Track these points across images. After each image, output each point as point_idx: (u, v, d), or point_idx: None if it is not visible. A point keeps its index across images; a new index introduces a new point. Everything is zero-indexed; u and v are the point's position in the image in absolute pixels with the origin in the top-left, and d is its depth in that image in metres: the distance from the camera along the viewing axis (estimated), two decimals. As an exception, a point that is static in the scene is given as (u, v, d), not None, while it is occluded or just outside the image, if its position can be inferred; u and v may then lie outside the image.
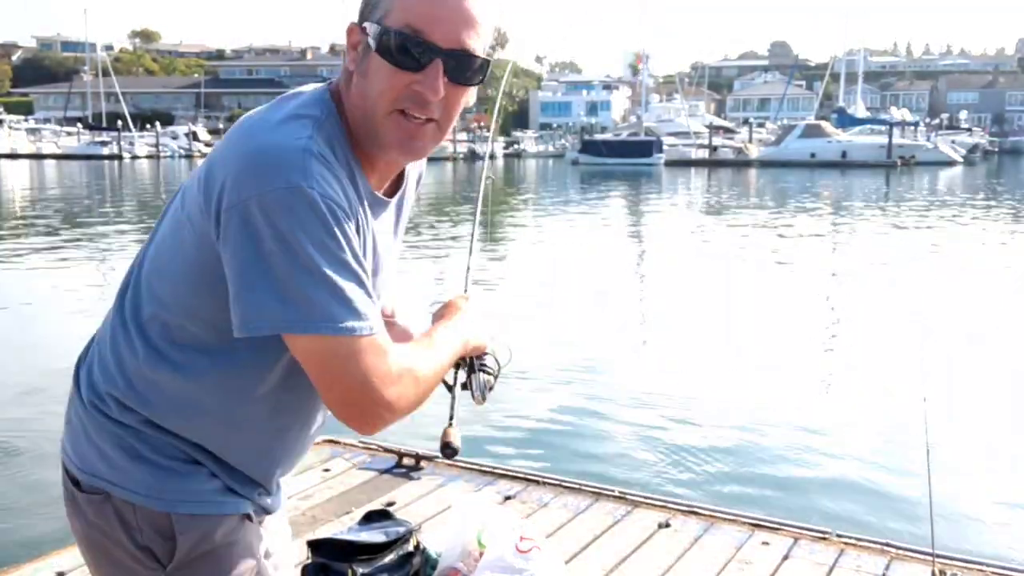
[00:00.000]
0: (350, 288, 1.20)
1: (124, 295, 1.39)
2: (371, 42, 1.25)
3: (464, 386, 1.63)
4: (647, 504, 3.44)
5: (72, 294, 11.18)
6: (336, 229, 1.19)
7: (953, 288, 11.39)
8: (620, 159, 52.87)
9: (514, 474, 3.78)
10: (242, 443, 1.38)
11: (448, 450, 1.54)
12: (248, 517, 1.40)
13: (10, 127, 66.52)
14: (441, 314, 1.47)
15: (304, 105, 1.29)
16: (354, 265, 1.21)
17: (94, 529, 1.36)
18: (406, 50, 1.24)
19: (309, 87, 1.37)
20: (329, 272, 1.18)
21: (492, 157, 2.11)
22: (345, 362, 1.21)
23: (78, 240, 17.14)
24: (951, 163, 53.74)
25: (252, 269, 1.18)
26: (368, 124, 1.29)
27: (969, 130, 70.79)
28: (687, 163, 54.56)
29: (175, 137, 69.62)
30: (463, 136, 75.78)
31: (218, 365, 1.31)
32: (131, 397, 1.34)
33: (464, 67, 1.28)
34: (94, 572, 1.43)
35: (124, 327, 1.37)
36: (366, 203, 1.31)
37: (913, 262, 13.88)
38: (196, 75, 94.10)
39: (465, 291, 1.55)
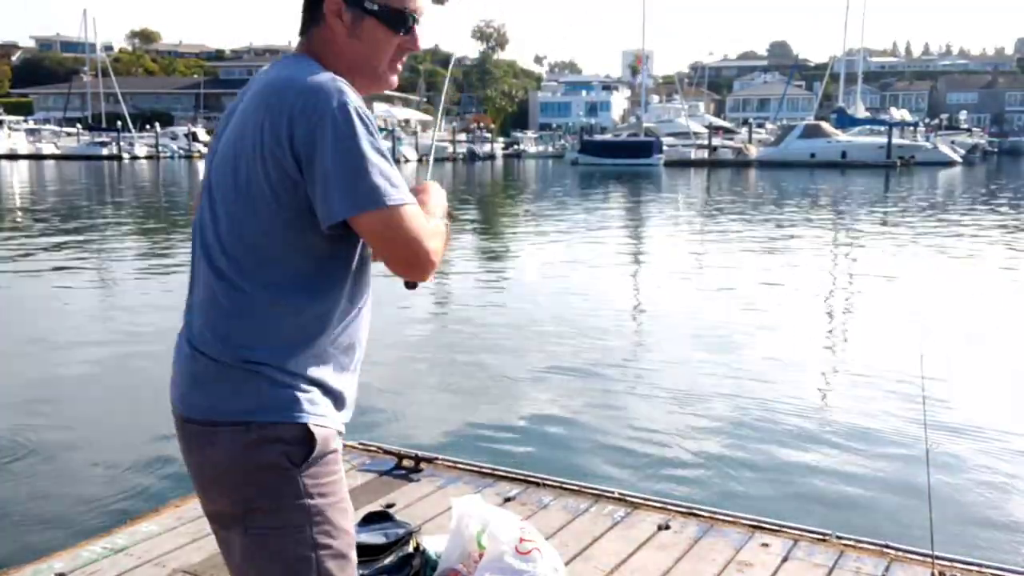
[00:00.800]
0: (392, 171, 1.58)
1: (212, 260, 1.65)
2: (371, 12, 1.68)
3: None
4: (647, 506, 3.45)
5: (72, 295, 11.18)
6: (374, 132, 1.58)
7: (952, 288, 11.39)
8: (620, 159, 52.90)
9: (514, 476, 3.78)
10: (338, 353, 1.73)
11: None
12: (340, 432, 1.73)
13: (10, 128, 66.51)
14: (422, 190, 1.81)
15: (302, 62, 1.65)
16: (388, 156, 1.59)
17: (239, 457, 1.62)
18: (402, 19, 1.71)
19: (278, 60, 1.73)
20: (379, 162, 1.56)
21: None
22: (401, 227, 1.58)
23: (79, 240, 17.14)
24: (950, 163, 53.77)
25: (331, 171, 1.54)
26: (366, 70, 1.72)
27: (969, 130, 70.82)
28: (687, 163, 54.60)
29: (175, 137, 69.62)
30: (463, 136, 75.76)
31: (316, 282, 1.64)
32: (255, 339, 1.62)
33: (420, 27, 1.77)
34: (230, 502, 1.68)
35: (231, 283, 1.63)
36: None
37: (912, 262, 13.88)
38: (196, 75, 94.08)
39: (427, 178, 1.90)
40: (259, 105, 1.60)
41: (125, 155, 63.04)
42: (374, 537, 2.92)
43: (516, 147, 77.43)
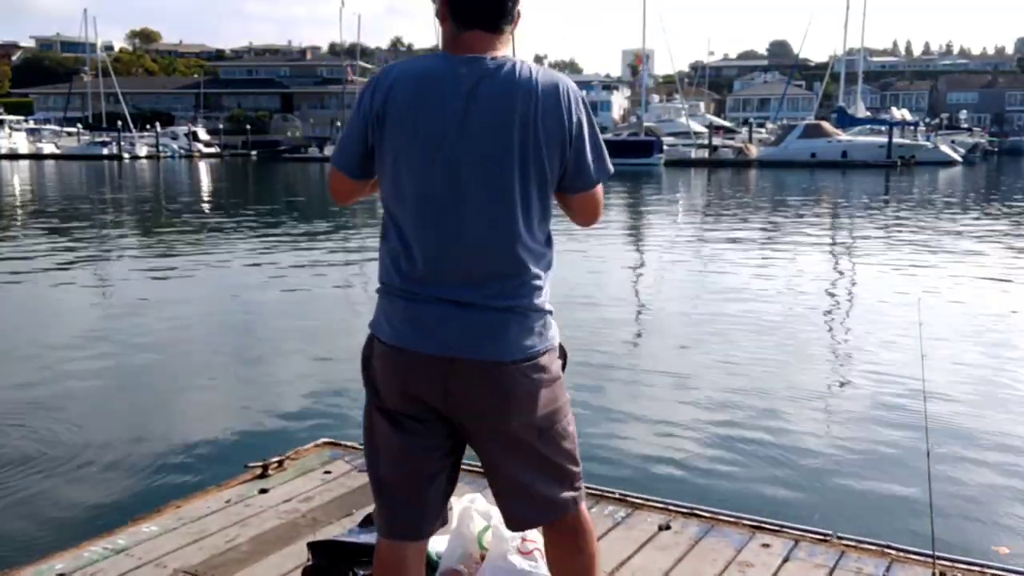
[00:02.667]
0: None
1: (483, 238, 1.95)
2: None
3: None
4: (648, 506, 3.45)
5: (71, 295, 11.18)
6: None
7: (954, 288, 11.38)
8: (620, 159, 52.61)
9: (515, 476, 3.78)
10: None
11: None
12: None
13: (10, 127, 66.51)
14: None
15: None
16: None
17: (544, 380, 2.03)
18: None
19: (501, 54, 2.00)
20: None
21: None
22: (602, 195, 2.17)
23: (79, 239, 17.14)
24: (951, 163, 53.74)
25: (596, 142, 2.04)
26: None
27: (969, 130, 70.77)
28: (687, 163, 54.54)
29: (175, 137, 69.63)
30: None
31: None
32: (538, 284, 2.03)
33: None
34: (549, 415, 2.05)
35: (503, 247, 1.96)
36: None
37: (913, 262, 13.87)
38: (196, 75, 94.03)
39: None
40: (526, 96, 1.94)
41: (125, 155, 63.05)
42: (374, 538, 2.91)
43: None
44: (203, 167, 55.56)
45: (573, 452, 2.13)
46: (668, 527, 3.27)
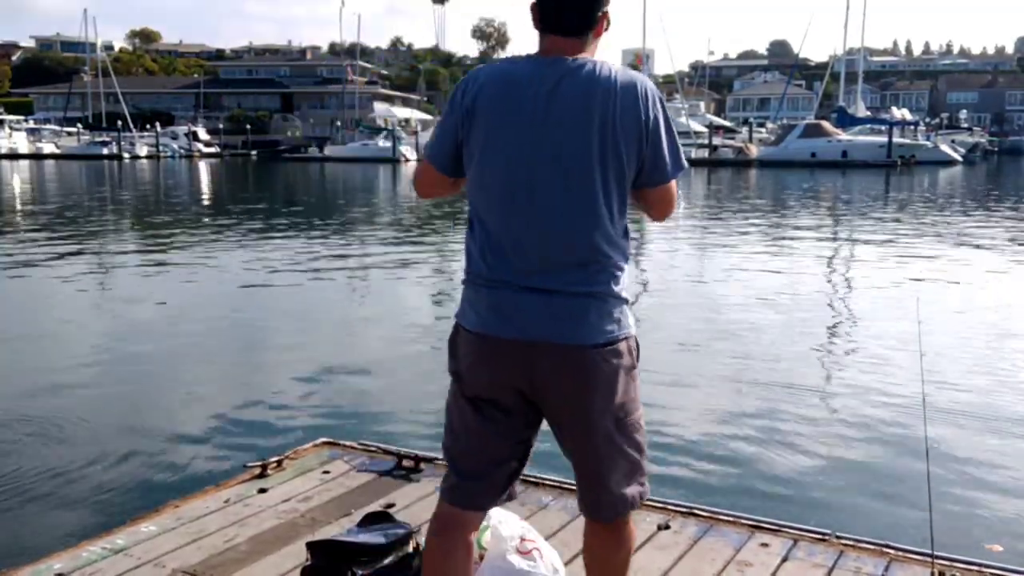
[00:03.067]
0: None
1: (567, 229, 2.06)
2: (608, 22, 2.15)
3: None
4: (647, 505, 3.41)
5: (71, 295, 11.18)
6: None
7: (954, 287, 11.39)
8: (620, 159, 52.66)
9: (513, 476, 3.78)
10: None
11: None
12: None
13: (10, 127, 66.51)
14: None
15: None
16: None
17: (623, 366, 2.12)
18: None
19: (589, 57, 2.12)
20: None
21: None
22: (676, 190, 2.24)
23: (79, 239, 17.14)
24: (951, 163, 53.75)
25: (672, 139, 2.14)
26: None
27: (969, 129, 70.77)
28: (687, 163, 54.42)
29: (175, 137, 69.61)
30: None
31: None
32: (616, 272, 2.11)
33: None
34: (626, 404, 2.15)
35: (584, 238, 2.06)
36: None
37: (912, 261, 13.87)
38: (196, 75, 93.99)
39: None
40: (606, 95, 2.04)
41: (125, 155, 63.05)
42: (374, 537, 2.92)
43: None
44: (203, 167, 55.55)
45: (644, 447, 2.23)
46: (667, 527, 3.27)
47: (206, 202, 29.23)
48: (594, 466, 2.18)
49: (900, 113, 65.15)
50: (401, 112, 79.85)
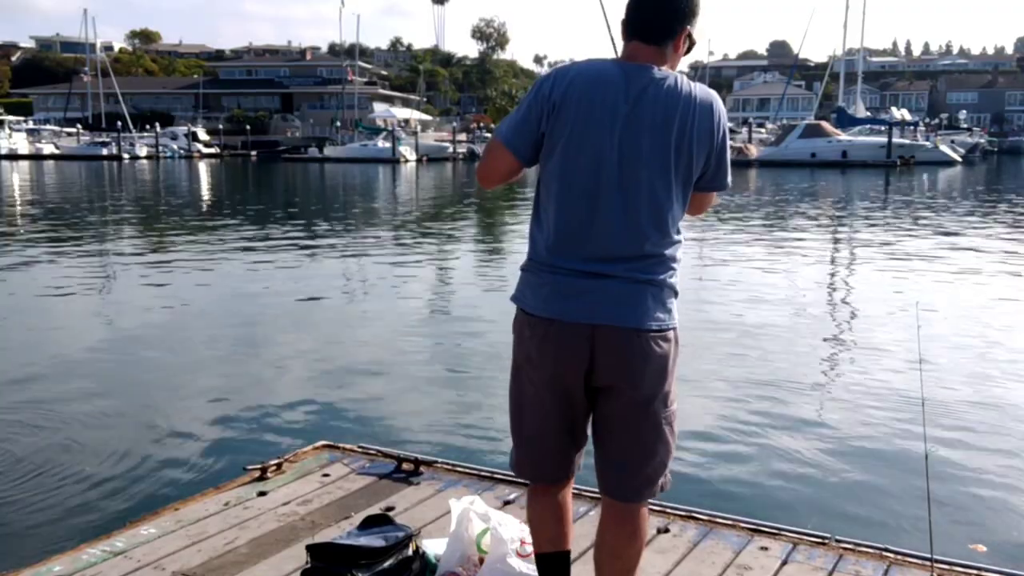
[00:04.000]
0: None
1: (636, 223, 2.24)
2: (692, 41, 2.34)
3: None
4: (648, 510, 3.44)
5: (71, 296, 11.18)
6: None
7: (953, 290, 11.38)
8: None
9: (513, 479, 3.77)
10: None
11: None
12: None
13: (10, 128, 66.47)
14: None
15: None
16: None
17: (670, 353, 2.30)
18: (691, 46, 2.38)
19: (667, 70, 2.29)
20: None
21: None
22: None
23: (79, 239, 17.14)
24: (950, 163, 53.73)
25: (728, 155, 2.36)
26: None
27: (969, 130, 70.74)
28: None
29: (175, 138, 69.55)
30: (463, 136, 75.67)
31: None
32: (672, 265, 2.30)
33: None
34: (669, 392, 2.32)
35: (650, 231, 2.24)
36: None
37: (912, 264, 13.87)
38: (195, 76, 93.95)
39: None
40: (687, 111, 2.24)
41: (125, 155, 63.01)
42: (374, 540, 2.92)
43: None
44: (203, 167, 55.54)
45: (673, 440, 2.39)
46: (666, 530, 3.27)
47: (206, 203, 29.22)
48: (635, 446, 2.32)
49: (900, 113, 65.14)
50: (401, 112, 79.83)
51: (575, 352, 2.24)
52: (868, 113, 65.51)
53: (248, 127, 74.82)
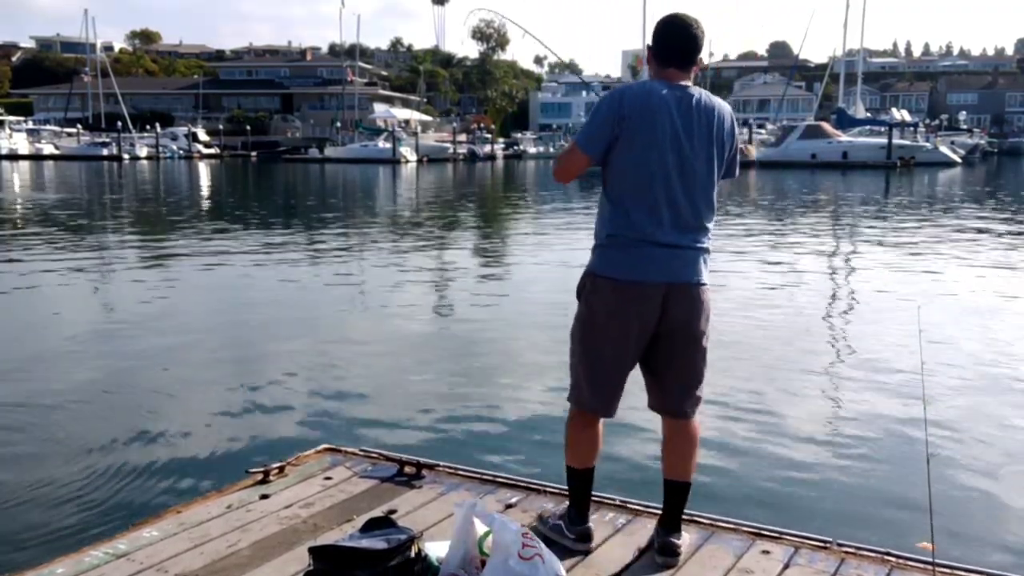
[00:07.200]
0: None
1: (693, 203, 2.96)
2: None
3: None
4: (648, 513, 3.45)
5: (73, 297, 11.18)
6: None
7: (954, 291, 11.38)
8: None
9: (515, 482, 3.79)
10: None
11: None
12: None
13: (10, 128, 66.49)
14: None
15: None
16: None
17: (709, 301, 3.04)
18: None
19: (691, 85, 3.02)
20: None
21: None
22: None
23: (78, 241, 17.14)
24: (950, 164, 53.76)
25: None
26: None
27: (969, 131, 70.80)
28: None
29: (175, 138, 69.61)
30: (463, 137, 75.66)
31: None
32: (711, 235, 3.04)
33: None
34: (708, 331, 3.07)
35: (702, 209, 2.97)
36: None
37: (912, 265, 13.88)
38: (196, 76, 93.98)
39: None
40: (711, 115, 2.97)
41: (125, 156, 63.05)
42: (376, 543, 2.92)
43: (516, 148, 77.19)
44: (203, 168, 55.55)
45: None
46: (668, 533, 3.27)
47: (206, 204, 29.23)
48: (690, 374, 3.07)
49: (900, 114, 65.14)
50: (401, 113, 79.87)
51: (654, 305, 2.92)
52: (868, 114, 65.53)
53: (248, 127, 74.87)
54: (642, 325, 2.94)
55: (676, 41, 2.98)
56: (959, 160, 55.10)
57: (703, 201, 2.96)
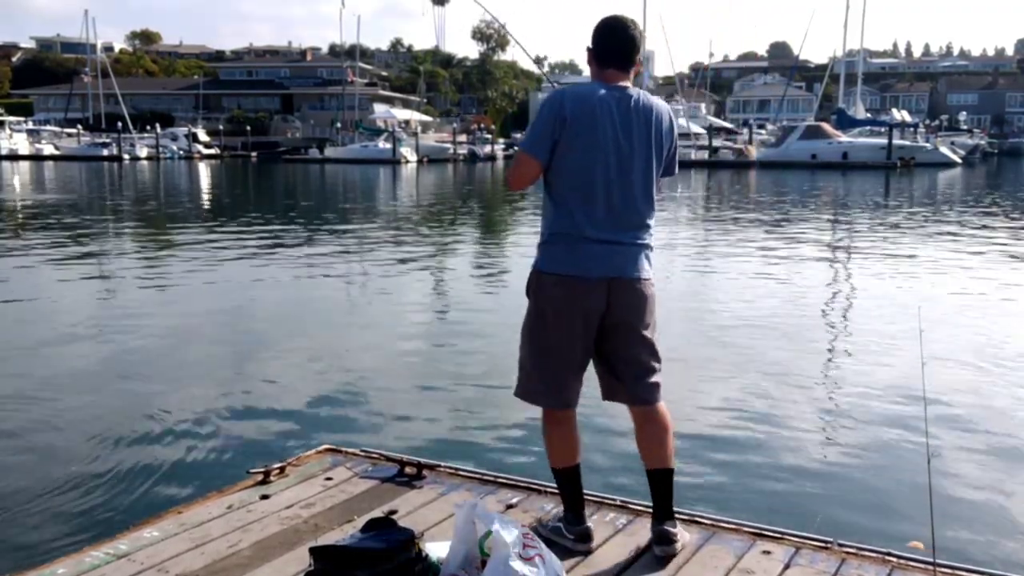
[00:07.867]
0: None
1: (634, 202, 3.06)
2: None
3: None
4: (648, 513, 3.43)
5: (74, 297, 11.18)
6: None
7: (954, 292, 11.38)
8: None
9: (516, 483, 3.79)
10: None
11: None
12: None
13: (10, 129, 66.49)
14: None
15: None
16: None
17: (654, 294, 3.15)
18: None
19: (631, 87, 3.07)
20: None
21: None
22: None
23: (78, 241, 17.14)
24: (951, 164, 53.76)
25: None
26: None
27: (969, 131, 70.79)
28: (688, 164, 54.43)
29: (175, 138, 69.60)
30: (464, 137, 75.65)
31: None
32: (653, 232, 3.16)
33: None
34: (655, 321, 3.17)
35: (642, 207, 3.07)
36: None
37: (912, 265, 13.88)
38: (196, 76, 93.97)
39: None
40: (651, 113, 3.04)
41: (125, 156, 63.06)
42: (376, 543, 2.92)
43: (516, 148, 77.13)
44: (203, 168, 55.56)
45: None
46: (669, 533, 3.27)
47: (206, 204, 29.23)
48: (640, 364, 3.11)
49: (900, 115, 65.14)
50: (401, 113, 79.85)
51: (597, 299, 3.00)
52: (868, 114, 65.52)
53: (248, 128, 74.85)
54: (587, 319, 3.02)
55: (615, 43, 3.05)
56: (959, 160, 55.08)
57: (643, 200, 3.05)
